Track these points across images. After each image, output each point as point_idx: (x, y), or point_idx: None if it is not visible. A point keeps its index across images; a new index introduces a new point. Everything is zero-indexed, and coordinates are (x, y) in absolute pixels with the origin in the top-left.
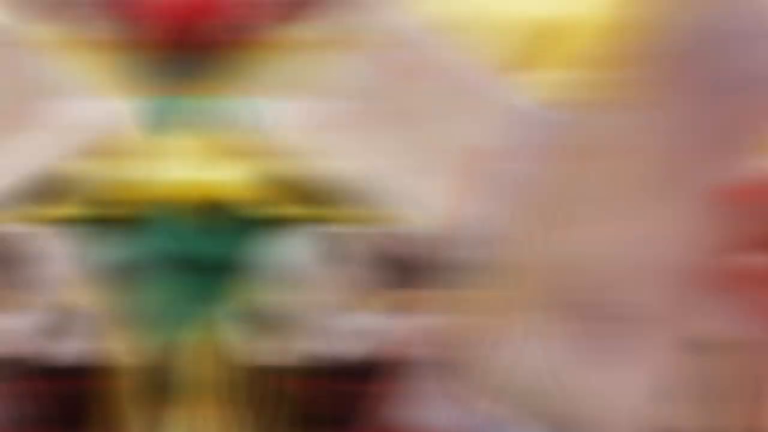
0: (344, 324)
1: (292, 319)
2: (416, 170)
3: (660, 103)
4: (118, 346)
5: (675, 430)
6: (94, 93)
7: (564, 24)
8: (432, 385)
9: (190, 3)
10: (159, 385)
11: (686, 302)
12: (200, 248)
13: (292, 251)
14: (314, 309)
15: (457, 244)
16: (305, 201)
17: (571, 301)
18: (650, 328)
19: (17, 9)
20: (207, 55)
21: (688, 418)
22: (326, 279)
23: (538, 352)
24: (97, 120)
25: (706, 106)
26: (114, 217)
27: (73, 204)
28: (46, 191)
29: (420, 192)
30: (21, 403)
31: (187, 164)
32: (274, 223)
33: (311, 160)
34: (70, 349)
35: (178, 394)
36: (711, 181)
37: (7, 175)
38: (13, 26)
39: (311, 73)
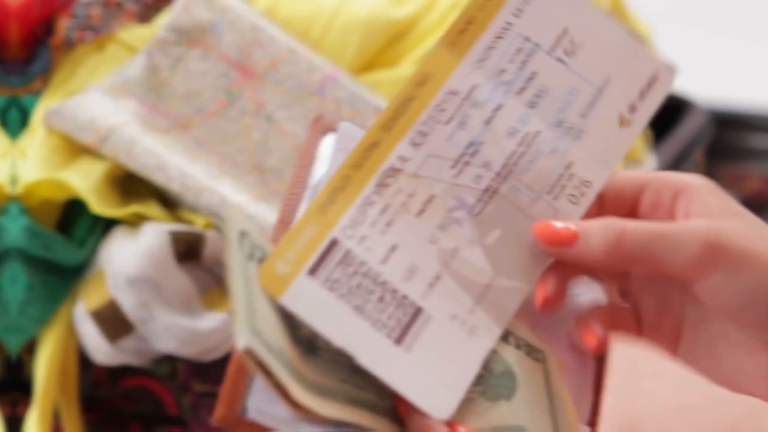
0: (197, 324)
1: (146, 319)
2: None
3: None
4: None
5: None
6: None
7: (422, 25)
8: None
9: (44, 2)
10: (16, 384)
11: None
12: (55, 247)
13: (147, 251)
14: (168, 308)
15: None
16: (157, 201)
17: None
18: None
19: None
20: (61, 54)
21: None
22: (179, 279)
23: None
24: None
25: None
26: None
27: None
28: None
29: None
30: None
31: (42, 163)
32: (128, 223)
33: (153, 159)
34: None
35: (35, 393)
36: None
37: None
38: None
39: (156, 72)
